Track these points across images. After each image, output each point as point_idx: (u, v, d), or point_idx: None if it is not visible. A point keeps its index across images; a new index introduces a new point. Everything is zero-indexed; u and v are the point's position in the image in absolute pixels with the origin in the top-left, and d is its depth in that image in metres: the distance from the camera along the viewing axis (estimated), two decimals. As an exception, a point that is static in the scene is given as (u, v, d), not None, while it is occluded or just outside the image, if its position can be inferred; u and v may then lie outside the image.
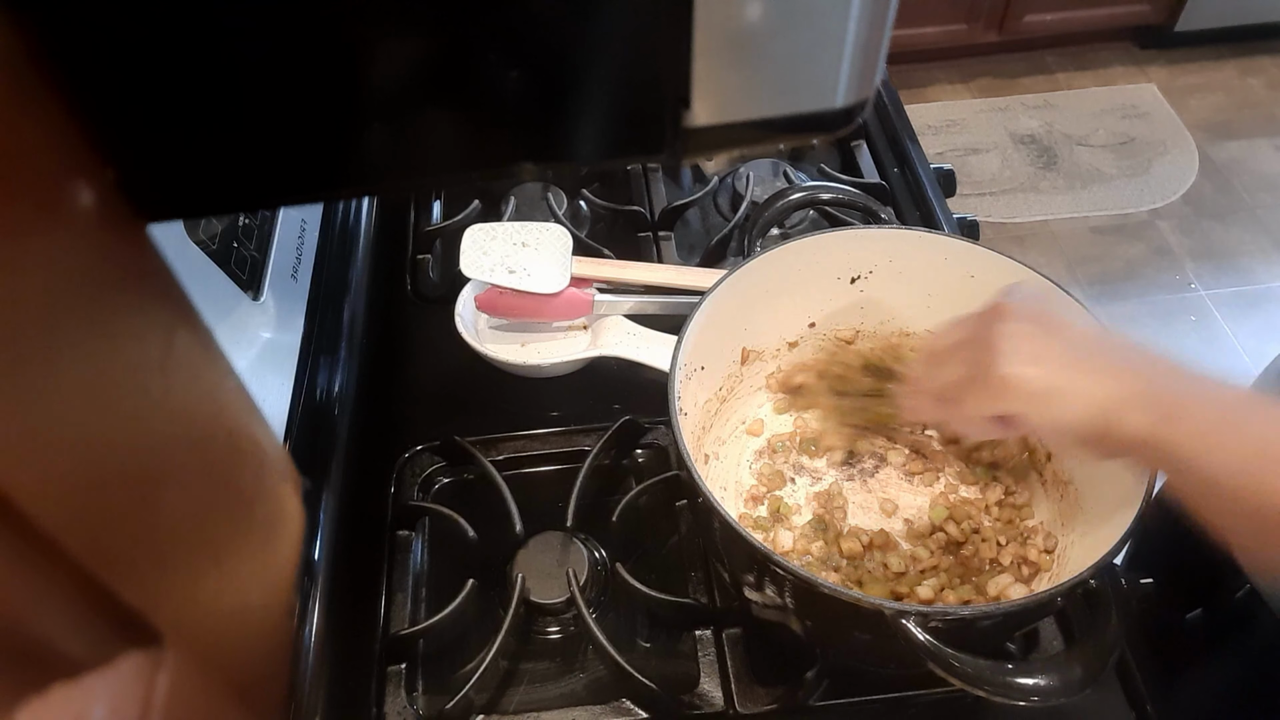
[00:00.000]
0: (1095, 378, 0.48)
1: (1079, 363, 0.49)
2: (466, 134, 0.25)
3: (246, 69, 0.22)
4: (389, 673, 0.67)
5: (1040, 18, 2.56)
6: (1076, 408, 0.48)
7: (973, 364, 0.53)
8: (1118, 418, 0.47)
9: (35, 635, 0.20)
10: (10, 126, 0.19)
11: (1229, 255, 2.23)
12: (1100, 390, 0.48)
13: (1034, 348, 0.50)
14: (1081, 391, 0.48)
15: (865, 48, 0.25)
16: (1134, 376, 0.48)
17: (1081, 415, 0.48)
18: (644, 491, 0.75)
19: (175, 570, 0.26)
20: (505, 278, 0.81)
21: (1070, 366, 0.49)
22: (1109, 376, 0.48)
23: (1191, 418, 0.45)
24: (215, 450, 0.29)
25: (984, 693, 0.50)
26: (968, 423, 0.56)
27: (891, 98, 1.10)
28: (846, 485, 0.74)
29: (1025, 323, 0.51)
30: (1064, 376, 0.49)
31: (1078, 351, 0.50)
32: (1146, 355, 0.50)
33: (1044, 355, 0.50)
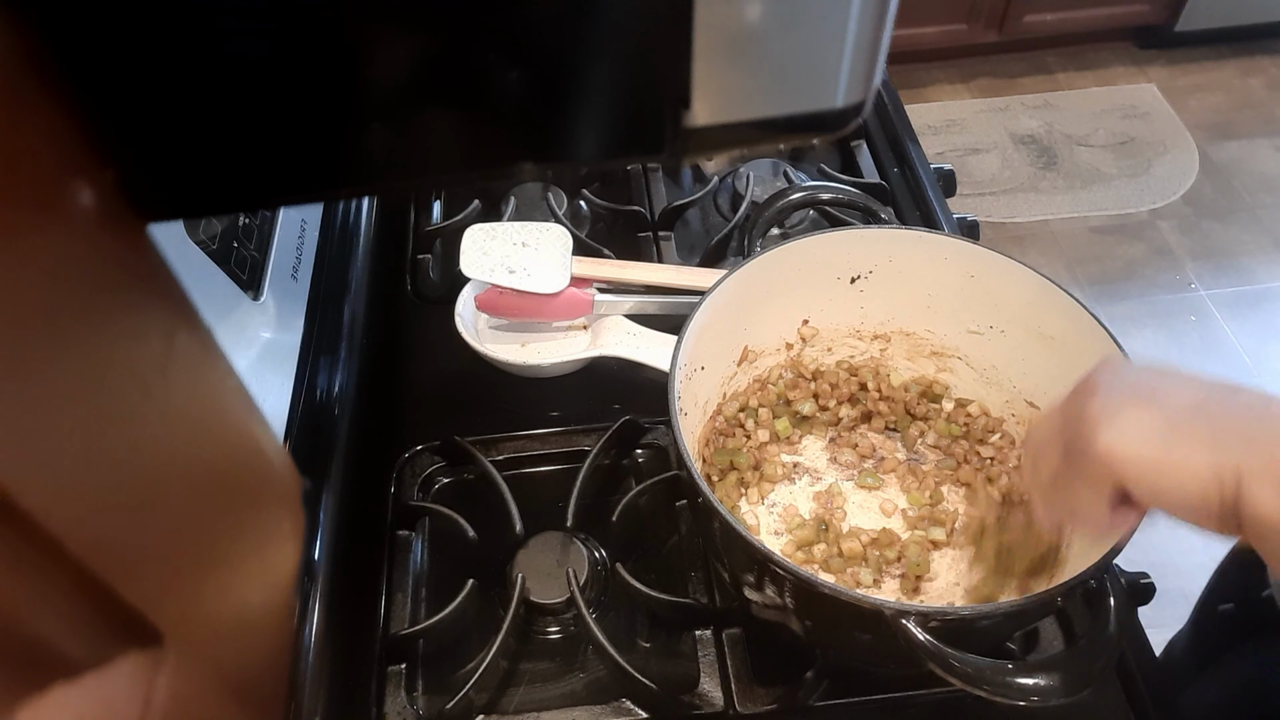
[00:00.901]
0: (1210, 444, 0.41)
1: (1190, 427, 0.42)
2: (466, 134, 0.25)
3: (246, 69, 0.22)
4: (389, 673, 0.67)
5: (1040, 18, 2.56)
6: (1188, 481, 0.41)
7: (1070, 447, 0.46)
8: (1242, 492, 0.39)
9: (36, 635, 0.20)
10: (10, 126, 0.19)
11: (1229, 255, 2.23)
12: (1217, 458, 0.40)
13: (1135, 415, 0.43)
14: (1192, 460, 0.41)
15: (865, 48, 0.25)
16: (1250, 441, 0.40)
17: (1195, 492, 0.40)
18: (644, 491, 0.75)
19: (175, 570, 0.26)
20: (505, 278, 0.81)
21: (1178, 431, 0.42)
22: (1228, 442, 0.40)
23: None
24: (215, 450, 0.29)
25: (984, 693, 0.50)
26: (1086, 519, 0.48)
27: (891, 98, 1.10)
28: (846, 485, 0.74)
29: (1121, 392, 0.45)
30: (1172, 444, 0.42)
31: (1187, 415, 0.42)
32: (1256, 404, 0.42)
33: (1146, 423, 0.43)
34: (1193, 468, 0.41)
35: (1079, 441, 0.45)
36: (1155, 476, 0.42)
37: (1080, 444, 0.45)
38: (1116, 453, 0.43)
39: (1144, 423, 0.43)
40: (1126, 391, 0.45)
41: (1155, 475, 0.42)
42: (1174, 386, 0.44)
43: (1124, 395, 0.44)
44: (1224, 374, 0.44)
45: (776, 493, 0.74)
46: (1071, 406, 0.47)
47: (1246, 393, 0.43)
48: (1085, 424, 0.44)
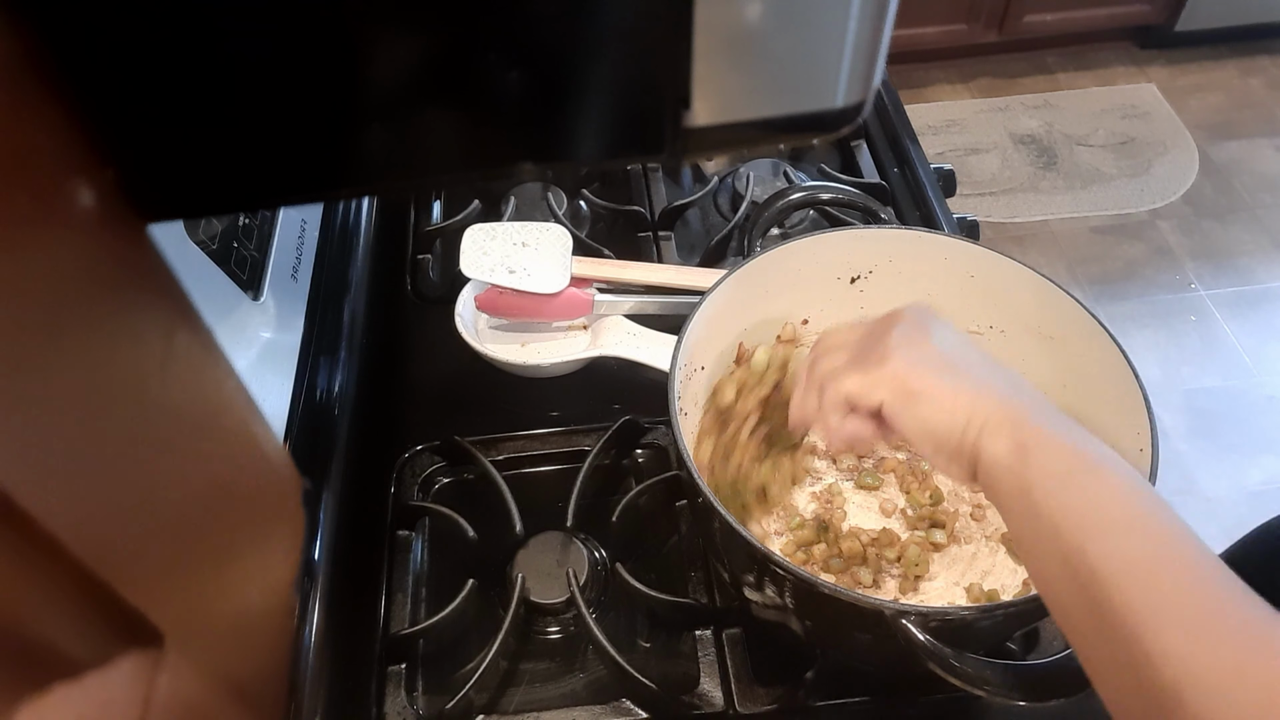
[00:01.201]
0: (969, 391, 0.48)
1: (957, 373, 0.50)
2: (466, 134, 0.25)
3: (246, 69, 0.22)
4: (389, 673, 0.67)
5: (1040, 18, 2.56)
6: (943, 414, 0.48)
7: (859, 355, 0.53)
8: (980, 435, 0.47)
9: (37, 635, 0.20)
10: (11, 127, 0.19)
11: (1229, 255, 2.23)
12: (970, 403, 0.48)
13: (923, 349, 0.51)
14: (951, 399, 0.48)
15: (865, 48, 0.25)
16: (1005, 400, 0.47)
17: (947, 423, 0.48)
18: (644, 491, 0.75)
19: (176, 570, 0.26)
20: (505, 278, 0.81)
21: (947, 373, 0.50)
22: (986, 393, 0.48)
23: (1048, 457, 0.44)
24: (215, 450, 0.29)
25: (984, 693, 0.50)
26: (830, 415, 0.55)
27: (891, 98, 1.10)
28: (846, 485, 0.74)
29: (920, 328, 0.53)
30: (939, 381, 0.49)
31: (962, 363, 0.50)
32: (1023, 385, 0.50)
33: (927, 358, 0.51)
34: (952, 404, 0.48)
35: (872, 356, 0.52)
36: (918, 403, 0.49)
37: (873, 358, 0.52)
38: (891, 372, 0.50)
39: (925, 359, 0.51)
40: (923, 331, 0.53)
41: (918, 402, 0.49)
42: (961, 346, 0.52)
43: (921, 333, 0.52)
44: (1224, 374, 0.47)
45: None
46: (879, 327, 0.54)
47: (998, 364, 0.51)
48: (885, 347, 0.52)
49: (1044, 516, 0.42)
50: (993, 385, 0.49)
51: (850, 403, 0.53)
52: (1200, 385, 1.96)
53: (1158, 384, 1.95)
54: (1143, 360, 1.64)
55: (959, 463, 0.48)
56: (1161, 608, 0.37)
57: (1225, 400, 1.93)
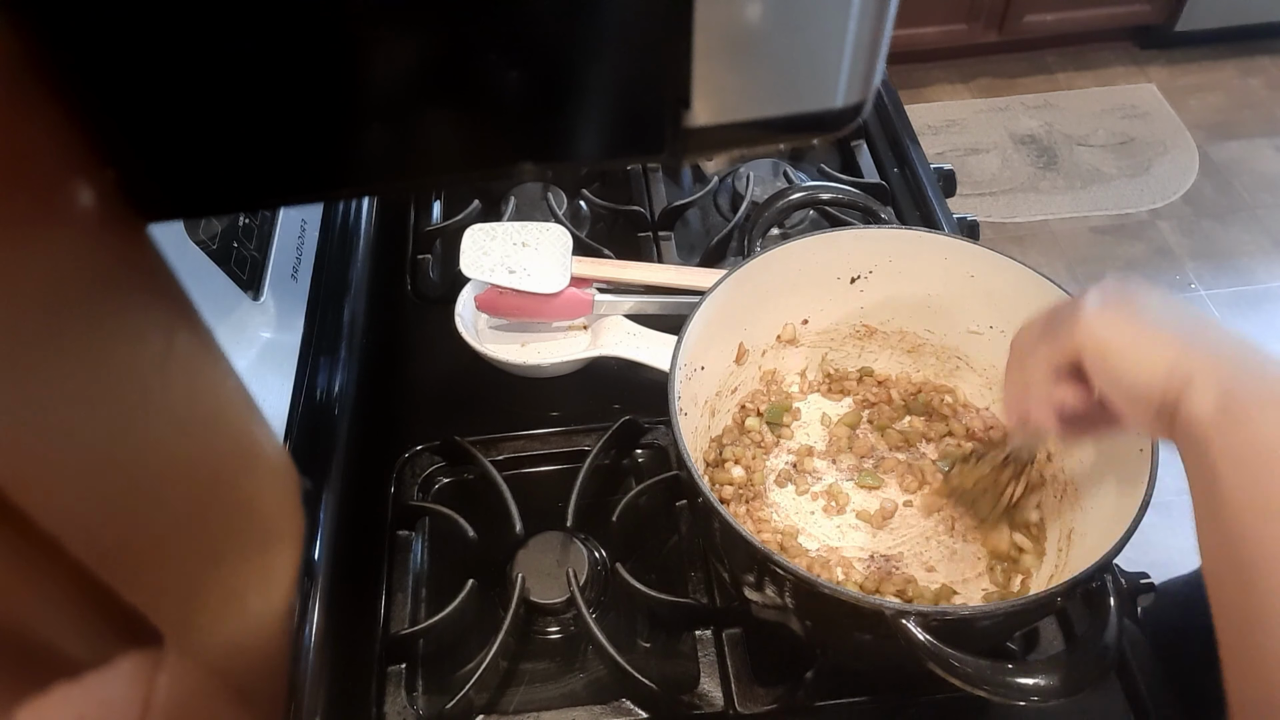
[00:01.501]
0: (1174, 341, 0.45)
1: (1160, 325, 0.46)
2: (466, 134, 0.25)
3: (246, 69, 0.22)
4: (389, 673, 0.67)
5: (1040, 18, 2.56)
6: (1144, 367, 0.45)
7: (1053, 327, 0.51)
8: (1185, 390, 0.42)
9: (36, 635, 0.20)
10: (10, 127, 0.19)
11: (1229, 255, 2.23)
12: (1175, 354, 0.44)
13: (1120, 303, 0.48)
14: (1150, 348, 0.45)
15: (865, 48, 0.25)
16: (1219, 355, 0.43)
17: (1148, 376, 0.44)
18: (644, 491, 0.75)
19: (176, 570, 0.26)
20: (505, 278, 0.81)
21: (1148, 322, 0.46)
22: (1188, 345, 0.44)
23: (1251, 433, 0.39)
24: (215, 450, 0.29)
25: (984, 693, 0.50)
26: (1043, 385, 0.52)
27: (891, 98, 1.10)
28: (846, 485, 0.74)
29: (1115, 288, 0.50)
30: (1138, 330, 0.46)
31: (1162, 317, 0.47)
32: (1243, 340, 0.45)
33: (1124, 309, 0.48)
34: (1152, 359, 0.45)
35: (1064, 321, 0.50)
36: (1119, 357, 0.47)
37: (1067, 318, 0.49)
38: (1092, 325, 0.48)
39: (1123, 313, 0.48)
40: (1121, 289, 0.50)
41: (1119, 356, 0.47)
42: (1168, 300, 0.49)
43: (1118, 290, 0.50)
44: None
45: (778, 493, 0.74)
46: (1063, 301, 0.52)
47: (1224, 328, 0.47)
48: (1072, 307, 0.50)
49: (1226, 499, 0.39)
50: (1204, 337, 0.45)
51: (1051, 364, 0.50)
52: (1200, 385, 1.95)
53: (1158, 384, 1.95)
54: (1143, 360, 1.63)
55: (1160, 420, 0.44)
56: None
57: (1225, 400, 1.92)
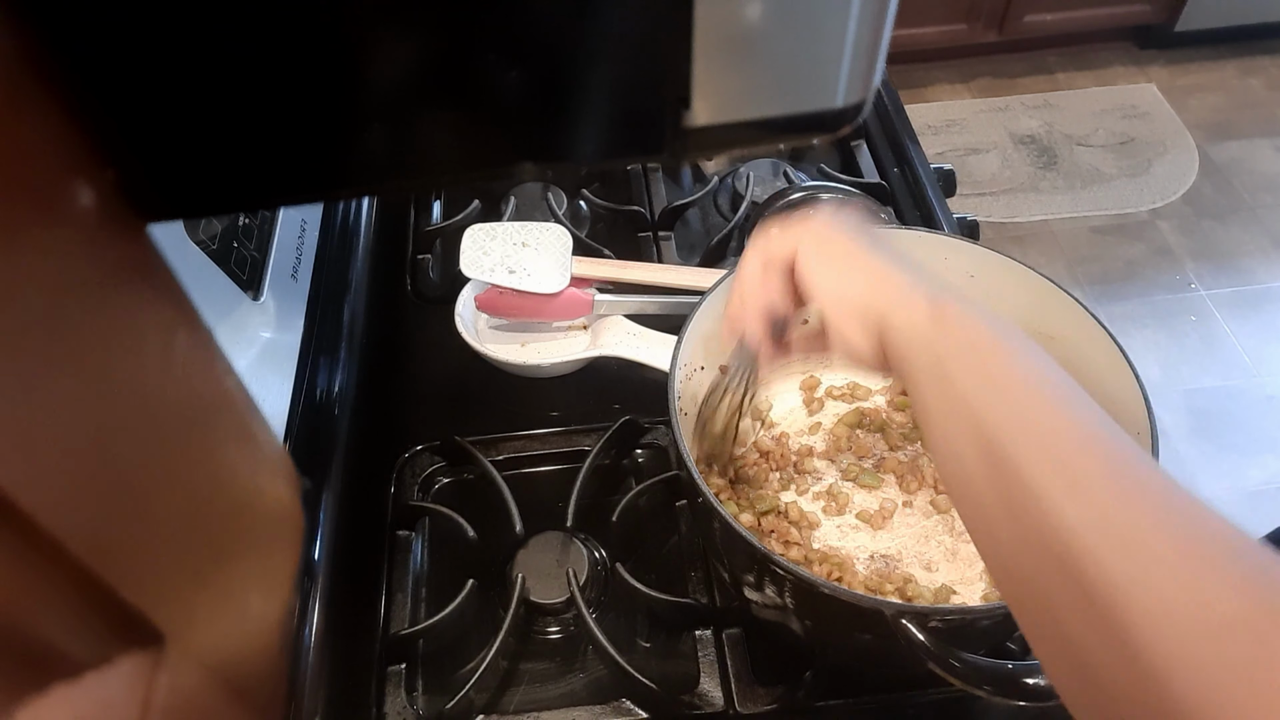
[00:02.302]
0: (885, 261, 0.48)
1: (877, 244, 0.49)
2: (466, 134, 0.25)
3: (246, 69, 0.22)
4: (389, 673, 0.67)
5: (1040, 18, 2.56)
6: (860, 277, 0.48)
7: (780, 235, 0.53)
8: (895, 305, 0.46)
9: (36, 635, 0.20)
10: (10, 127, 0.19)
11: (1229, 255, 2.23)
12: (888, 272, 0.47)
13: (844, 220, 0.51)
14: (866, 262, 0.48)
15: (865, 48, 0.25)
16: (920, 275, 0.47)
17: (863, 286, 0.48)
18: (644, 491, 0.75)
19: (176, 570, 0.26)
20: (505, 278, 0.81)
21: (866, 242, 0.49)
22: (899, 265, 0.48)
23: (963, 331, 0.43)
24: (215, 450, 0.29)
25: (984, 693, 0.50)
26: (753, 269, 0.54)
27: (891, 98, 1.10)
28: (846, 485, 0.74)
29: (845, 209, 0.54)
30: (858, 246, 0.49)
31: (881, 242, 0.50)
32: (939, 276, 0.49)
33: (852, 229, 0.51)
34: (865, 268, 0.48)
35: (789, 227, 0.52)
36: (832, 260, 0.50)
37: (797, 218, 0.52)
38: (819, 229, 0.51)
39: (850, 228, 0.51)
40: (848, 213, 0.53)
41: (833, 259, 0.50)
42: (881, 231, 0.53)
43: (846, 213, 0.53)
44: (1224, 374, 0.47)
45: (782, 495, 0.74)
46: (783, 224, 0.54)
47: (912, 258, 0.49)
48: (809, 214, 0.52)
49: (955, 383, 0.42)
50: (908, 262, 0.48)
51: (765, 255, 0.52)
52: (1200, 385, 1.96)
53: (1158, 384, 1.95)
54: (1143, 360, 1.64)
55: (867, 331, 0.48)
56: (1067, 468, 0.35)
57: (1225, 400, 1.93)
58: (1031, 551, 0.36)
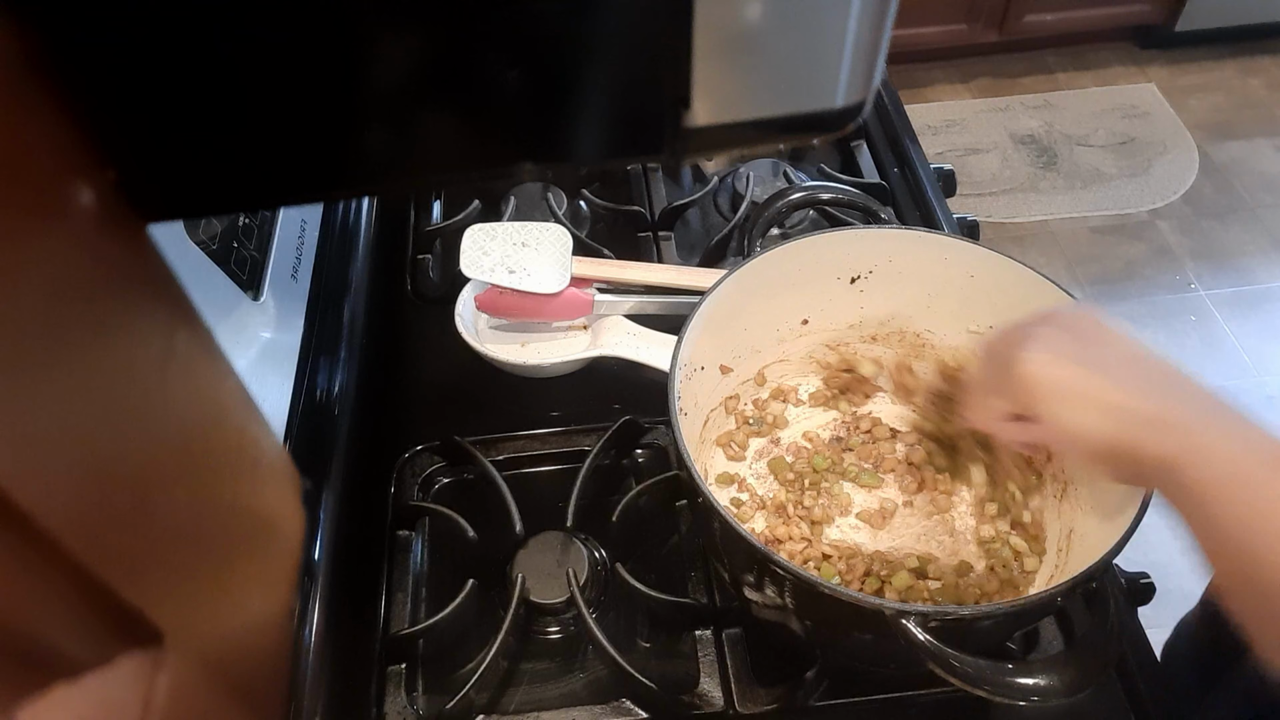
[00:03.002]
0: (1122, 390, 0.46)
1: (1108, 372, 0.48)
2: (466, 134, 0.25)
3: (246, 69, 0.22)
4: (389, 673, 0.67)
5: (1040, 18, 2.56)
6: (1094, 417, 0.46)
7: (998, 362, 0.52)
8: (1138, 437, 0.45)
9: (36, 635, 0.20)
10: (10, 127, 0.19)
11: (1229, 255, 2.23)
12: (1124, 403, 0.46)
13: (1064, 349, 0.49)
14: (1103, 400, 0.46)
15: (865, 48, 0.25)
16: (1163, 398, 0.46)
17: (1099, 426, 0.46)
18: (644, 491, 0.75)
19: (175, 570, 0.26)
20: (505, 278, 0.81)
21: (1098, 374, 0.47)
22: (1137, 392, 0.46)
23: (1217, 458, 0.42)
24: (215, 450, 0.29)
25: (984, 693, 0.50)
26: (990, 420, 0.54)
27: (891, 98, 1.10)
28: (846, 485, 0.74)
29: (1064, 329, 0.50)
30: (1088, 382, 0.47)
31: (1110, 363, 0.48)
32: (1184, 381, 0.47)
33: (1073, 359, 0.49)
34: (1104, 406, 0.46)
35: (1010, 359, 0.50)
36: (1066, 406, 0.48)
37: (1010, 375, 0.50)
38: (1032, 379, 0.49)
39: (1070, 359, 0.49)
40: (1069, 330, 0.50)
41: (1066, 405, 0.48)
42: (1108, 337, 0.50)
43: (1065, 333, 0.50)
44: (1224, 374, 0.47)
45: (776, 493, 0.74)
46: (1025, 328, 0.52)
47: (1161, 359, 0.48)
48: (1020, 345, 0.50)
49: (1220, 526, 0.41)
50: (1152, 385, 0.47)
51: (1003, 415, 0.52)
52: (1200, 385, 1.95)
53: (1158, 384, 1.95)
54: (1143, 360, 1.63)
55: (1118, 468, 0.47)
56: None
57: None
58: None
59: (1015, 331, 0.53)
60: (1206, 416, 0.45)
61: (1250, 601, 0.41)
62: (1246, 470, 0.42)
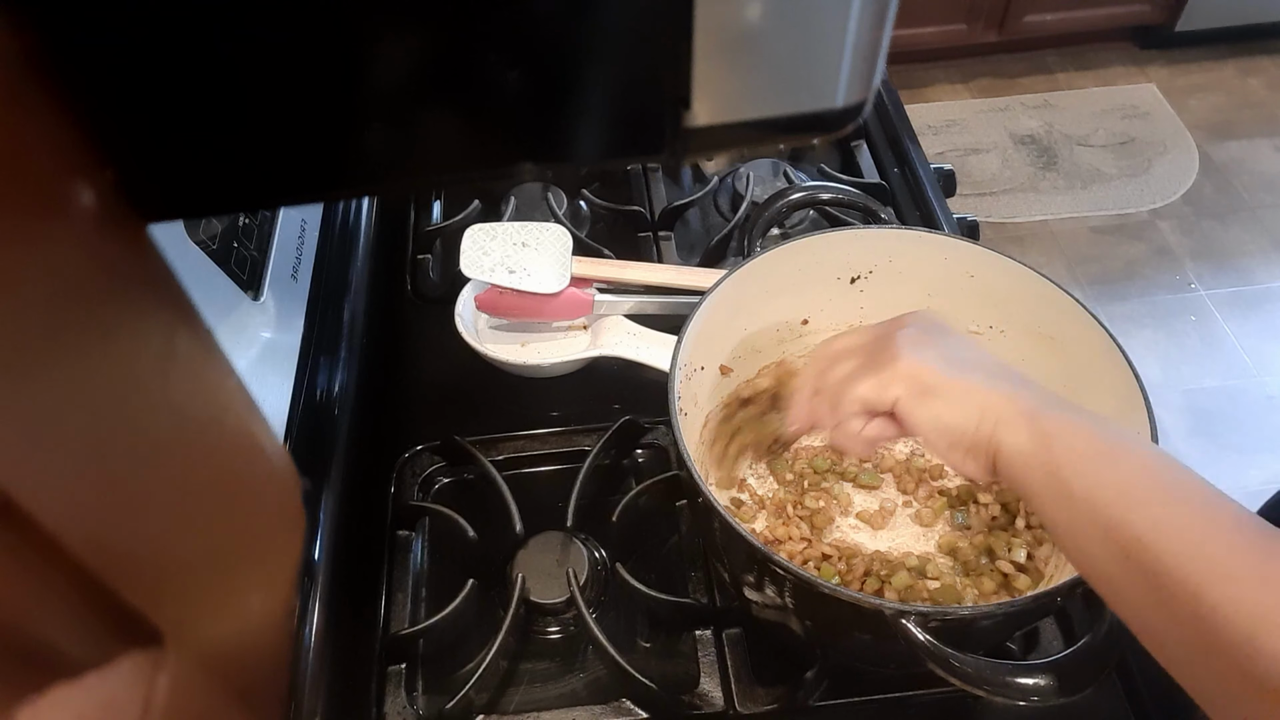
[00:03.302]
0: (983, 387, 0.49)
1: (969, 369, 0.51)
2: (466, 134, 0.25)
3: (246, 69, 0.22)
4: (389, 673, 0.67)
5: (1040, 18, 2.56)
6: (956, 409, 0.49)
7: (867, 359, 0.54)
8: (999, 428, 0.47)
9: (36, 635, 0.20)
10: (9, 127, 0.19)
11: (1229, 255, 2.23)
12: (985, 398, 0.49)
13: (931, 349, 0.53)
14: (963, 394, 0.50)
15: (865, 48, 0.25)
16: (1018, 393, 0.49)
17: (963, 418, 0.49)
18: (644, 491, 0.75)
19: (175, 570, 0.26)
20: (505, 278, 0.81)
21: (961, 370, 0.51)
22: (996, 389, 0.49)
23: (1072, 441, 0.45)
24: (215, 450, 0.29)
25: (984, 693, 0.50)
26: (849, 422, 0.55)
27: (891, 98, 1.10)
28: (846, 485, 0.74)
29: (926, 331, 0.54)
30: (953, 377, 0.50)
31: (968, 362, 0.52)
32: (1030, 382, 0.51)
33: (938, 357, 0.52)
34: (968, 400, 0.49)
35: (882, 358, 0.53)
36: (933, 400, 0.51)
37: (883, 360, 0.53)
38: (905, 372, 0.52)
39: (936, 358, 0.52)
40: (929, 333, 0.54)
41: (933, 399, 0.51)
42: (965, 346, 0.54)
43: (927, 335, 0.54)
44: (1224, 374, 0.48)
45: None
46: (886, 329, 0.56)
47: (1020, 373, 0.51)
48: (894, 348, 0.53)
49: (1078, 496, 0.43)
50: (1002, 381, 0.50)
51: (866, 406, 0.53)
52: (1200, 385, 1.96)
53: (1158, 384, 1.95)
54: (1143, 360, 1.64)
55: (975, 457, 0.49)
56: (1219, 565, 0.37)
57: (1225, 400, 1.93)
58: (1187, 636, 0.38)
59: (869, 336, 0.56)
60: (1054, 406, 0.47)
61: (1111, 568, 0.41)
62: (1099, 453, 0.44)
